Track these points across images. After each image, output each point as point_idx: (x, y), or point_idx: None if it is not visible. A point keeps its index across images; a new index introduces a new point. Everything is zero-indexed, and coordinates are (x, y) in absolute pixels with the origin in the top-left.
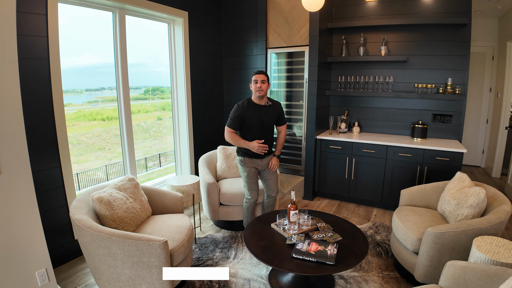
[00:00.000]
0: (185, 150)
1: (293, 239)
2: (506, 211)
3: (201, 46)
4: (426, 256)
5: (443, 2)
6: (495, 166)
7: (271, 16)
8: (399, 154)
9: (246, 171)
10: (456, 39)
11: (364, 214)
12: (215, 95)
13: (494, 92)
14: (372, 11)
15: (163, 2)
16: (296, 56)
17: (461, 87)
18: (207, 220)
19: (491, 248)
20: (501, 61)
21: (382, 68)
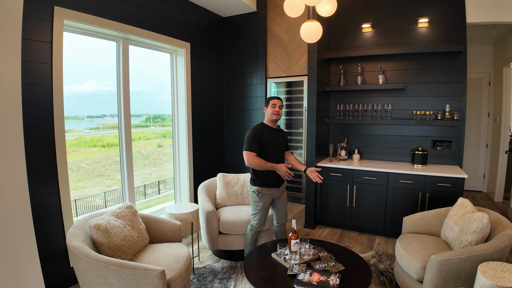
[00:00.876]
0: (185, 178)
1: (295, 269)
2: (510, 235)
3: (203, 76)
4: (431, 285)
5: (439, 30)
6: (497, 191)
7: (271, 47)
8: (400, 181)
9: (262, 201)
10: (453, 66)
11: (367, 243)
12: (216, 123)
13: (492, 117)
14: (369, 41)
15: (166, 34)
16: (295, 85)
17: (459, 113)
18: (206, 250)
19: (497, 273)
20: (498, 86)
21: (380, 96)
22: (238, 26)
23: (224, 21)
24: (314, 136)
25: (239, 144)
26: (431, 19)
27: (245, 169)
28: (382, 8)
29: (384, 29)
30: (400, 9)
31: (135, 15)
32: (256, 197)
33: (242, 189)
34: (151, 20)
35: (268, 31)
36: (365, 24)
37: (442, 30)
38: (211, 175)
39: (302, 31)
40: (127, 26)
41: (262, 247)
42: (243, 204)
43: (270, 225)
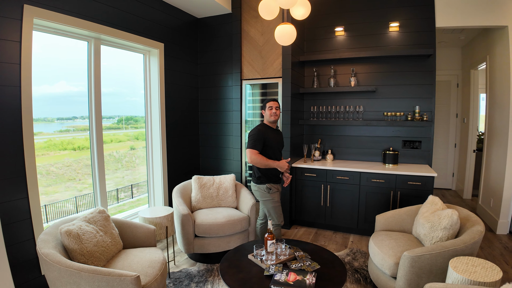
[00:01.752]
0: (159, 181)
1: (271, 270)
2: (480, 231)
3: (177, 77)
4: (404, 280)
5: (409, 34)
6: (465, 188)
7: (246, 49)
8: (372, 180)
9: (273, 196)
10: (422, 69)
11: (341, 241)
12: (191, 125)
13: (460, 118)
14: (342, 44)
15: (140, 34)
16: (270, 87)
17: (428, 114)
18: (181, 253)
19: (468, 268)
20: (466, 88)
21: (352, 98)
22: (212, 27)
23: (198, 22)
24: (289, 138)
25: (214, 145)
26: (402, 23)
27: (221, 171)
28: (355, 12)
29: (357, 33)
30: (372, 13)
31: (107, 15)
32: (268, 194)
33: (218, 191)
34: (124, 19)
35: (243, 33)
36: (338, 27)
37: (412, 34)
38: (186, 178)
39: (276, 33)
40: (99, 25)
41: (238, 249)
42: (219, 206)
43: (246, 226)
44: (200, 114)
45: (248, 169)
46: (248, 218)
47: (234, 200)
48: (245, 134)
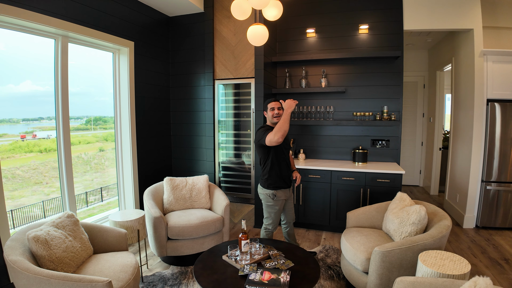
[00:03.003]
0: (129, 183)
1: (246, 269)
2: (447, 225)
3: (147, 76)
4: (376, 275)
5: (378, 37)
6: (432, 185)
7: (218, 49)
8: (343, 178)
9: (278, 205)
10: (390, 70)
11: (314, 238)
12: (162, 125)
13: (426, 117)
14: (313, 46)
15: (109, 32)
16: (243, 87)
17: (396, 113)
18: (154, 257)
19: (436, 261)
20: (432, 88)
21: (323, 99)
22: (184, 26)
23: (170, 21)
24: None
25: (187, 146)
26: (371, 26)
27: (194, 172)
28: (326, 14)
29: (327, 35)
30: (342, 16)
31: (75, 12)
32: (272, 201)
33: (190, 192)
34: (93, 17)
35: (216, 33)
36: (309, 29)
37: (381, 37)
38: (157, 180)
39: (249, 34)
40: (67, 22)
41: (213, 250)
42: (192, 208)
43: (220, 227)
44: (172, 114)
45: (222, 170)
46: (222, 219)
47: (208, 201)
48: (218, 134)
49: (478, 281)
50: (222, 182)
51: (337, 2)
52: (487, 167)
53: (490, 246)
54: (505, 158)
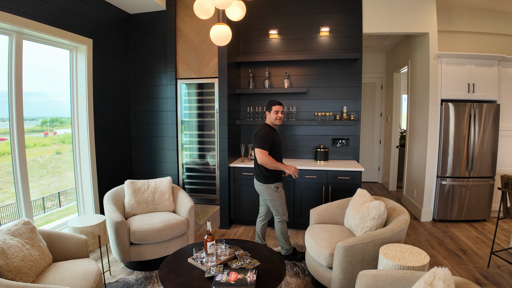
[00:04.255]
0: (88, 187)
1: (212, 271)
2: (405, 219)
3: (107, 75)
4: (339, 270)
5: (338, 39)
6: (390, 181)
7: (181, 48)
8: (305, 176)
9: (283, 194)
10: (350, 72)
11: None
12: (122, 126)
13: (384, 117)
14: (276, 47)
15: (66, 28)
16: (206, 87)
17: (355, 113)
18: (117, 263)
19: (397, 254)
20: (389, 89)
21: (286, 99)
22: (146, 24)
23: (131, 18)
24: (226, 138)
25: (149, 147)
26: (332, 28)
27: (156, 174)
28: (288, 16)
29: (290, 36)
30: (304, 18)
31: (30, 7)
32: (276, 194)
33: (153, 195)
34: (49, 13)
35: (178, 31)
36: (272, 30)
37: (341, 39)
38: (118, 183)
39: (212, 33)
40: (22, 18)
41: (178, 253)
42: (156, 211)
43: (184, 229)
44: (133, 114)
45: (186, 171)
46: (186, 222)
47: (171, 203)
48: (181, 135)
49: (437, 272)
50: (186, 184)
51: (299, 4)
52: (442, 163)
53: (447, 238)
54: (459, 154)
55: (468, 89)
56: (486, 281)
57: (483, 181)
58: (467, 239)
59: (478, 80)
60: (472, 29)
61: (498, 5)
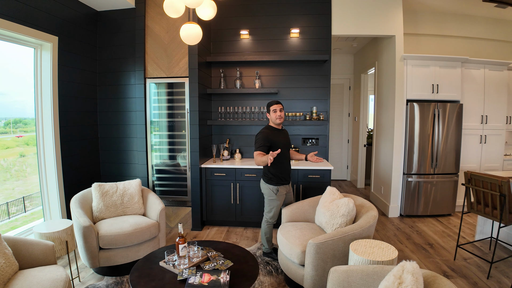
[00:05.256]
0: (54, 191)
1: (185, 274)
2: (374, 215)
3: (73, 74)
4: (311, 267)
5: (308, 41)
6: (359, 178)
7: (150, 46)
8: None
9: (279, 199)
10: (319, 73)
11: (252, 236)
12: (89, 127)
13: (352, 117)
14: (247, 47)
15: (30, 25)
16: (176, 86)
17: (324, 114)
18: (86, 269)
19: (366, 249)
20: (357, 90)
21: (257, 99)
22: (114, 21)
23: (98, 16)
24: (197, 138)
25: (116, 149)
26: (302, 30)
27: (125, 176)
28: (259, 17)
29: (260, 37)
30: (274, 19)
31: None
32: (274, 195)
33: (122, 198)
34: (12, 8)
35: (147, 30)
36: (243, 30)
37: (311, 41)
38: (85, 186)
39: (182, 32)
40: None
41: (149, 257)
42: (125, 214)
43: (155, 232)
44: (100, 114)
45: (156, 173)
46: (157, 224)
47: (141, 206)
48: (150, 135)
49: (406, 265)
50: (156, 186)
51: (269, 5)
52: (408, 161)
53: (414, 232)
54: (424, 152)
55: (433, 90)
56: (453, 273)
57: (447, 178)
58: (433, 233)
59: (442, 81)
60: (437, 32)
61: (462, 9)
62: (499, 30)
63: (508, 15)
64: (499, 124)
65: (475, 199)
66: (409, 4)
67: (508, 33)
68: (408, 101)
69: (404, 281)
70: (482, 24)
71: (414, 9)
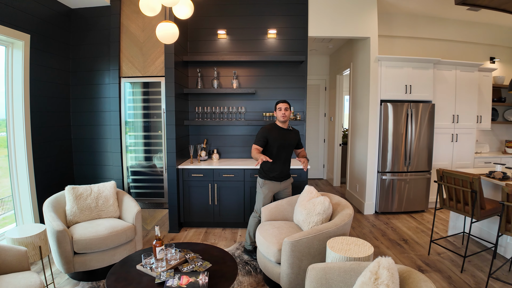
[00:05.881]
0: (26, 195)
1: (162, 276)
2: (349, 214)
3: (45, 73)
4: (287, 265)
5: (285, 42)
6: (335, 177)
7: (125, 45)
8: (255, 175)
9: (263, 193)
10: (296, 74)
11: (230, 236)
12: (62, 128)
13: (328, 117)
14: (224, 47)
15: (1, 23)
16: (152, 86)
17: (301, 113)
18: (61, 274)
19: (343, 247)
20: (332, 90)
21: (235, 100)
22: (88, 19)
23: (72, 13)
24: (174, 139)
25: (90, 150)
26: (279, 31)
27: (99, 179)
28: (236, 17)
29: (238, 37)
30: (252, 20)
31: None
32: (260, 188)
33: (96, 201)
34: None
35: (122, 28)
36: (220, 30)
37: (288, 41)
38: (59, 189)
39: (158, 31)
40: None
41: (126, 261)
42: (100, 218)
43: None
44: (73, 115)
45: (131, 175)
46: (133, 227)
47: (117, 209)
48: (125, 136)
49: (381, 261)
50: (132, 188)
51: (246, 6)
52: (382, 160)
53: (389, 229)
54: (397, 151)
55: (406, 90)
56: (427, 268)
57: (420, 175)
58: (407, 229)
59: (415, 82)
60: (410, 34)
61: (435, 12)
62: (471, 32)
63: (479, 17)
64: (470, 123)
65: (447, 196)
66: (384, 7)
67: (479, 35)
68: (382, 101)
69: (380, 277)
70: (454, 27)
71: (388, 12)
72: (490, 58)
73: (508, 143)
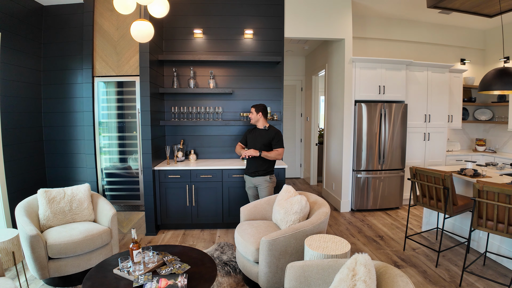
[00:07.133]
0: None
1: (140, 280)
2: (325, 212)
3: (15, 73)
4: (265, 263)
5: (262, 42)
6: (311, 176)
7: (98, 43)
8: (233, 175)
9: (246, 185)
10: (272, 74)
11: (209, 237)
12: (33, 129)
13: (304, 117)
14: (201, 46)
15: None
16: (127, 85)
17: (277, 114)
18: (36, 280)
19: (321, 244)
20: (308, 91)
21: (212, 100)
22: (61, 17)
23: (44, 10)
24: (150, 139)
25: (62, 152)
26: (256, 31)
27: (73, 181)
28: (212, 16)
29: (215, 37)
30: (228, 19)
31: None
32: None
33: (70, 204)
34: None
35: (96, 26)
36: (197, 29)
37: (264, 42)
38: (31, 192)
39: (132, 29)
40: None
41: (102, 265)
42: (74, 221)
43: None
44: (44, 115)
45: (105, 177)
46: (109, 231)
47: (91, 212)
48: (99, 137)
49: (358, 258)
50: (106, 191)
51: (223, 5)
52: (357, 158)
53: (365, 226)
54: (372, 150)
55: (379, 91)
56: (403, 263)
57: (394, 173)
58: (383, 226)
59: (388, 83)
60: (384, 36)
61: (407, 15)
62: (442, 34)
63: (451, 20)
64: (441, 122)
65: (420, 193)
66: (358, 9)
67: (450, 37)
68: (356, 101)
69: (357, 273)
70: (426, 29)
71: (363, 14)
72: (461, 59)
73: (478, 141)
